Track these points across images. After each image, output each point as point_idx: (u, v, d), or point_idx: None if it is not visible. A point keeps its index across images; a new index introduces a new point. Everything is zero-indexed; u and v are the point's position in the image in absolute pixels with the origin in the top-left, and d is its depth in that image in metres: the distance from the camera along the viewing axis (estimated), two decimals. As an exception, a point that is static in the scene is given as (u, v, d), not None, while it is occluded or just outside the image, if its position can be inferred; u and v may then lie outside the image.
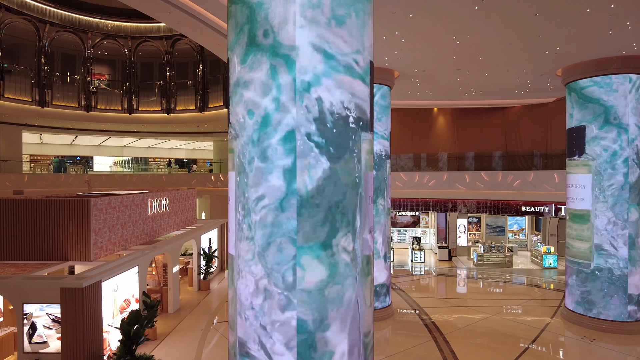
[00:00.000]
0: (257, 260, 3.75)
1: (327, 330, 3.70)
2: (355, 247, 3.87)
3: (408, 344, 10.32)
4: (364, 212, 3.95)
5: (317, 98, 3.60)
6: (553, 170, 16.51)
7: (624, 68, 11.06)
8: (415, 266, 20.12)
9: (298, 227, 3.60)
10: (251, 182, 3.78)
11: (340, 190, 3.72)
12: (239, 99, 3.91)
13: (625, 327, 10.94)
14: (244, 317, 3.89)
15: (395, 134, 20.15)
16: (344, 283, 3.79)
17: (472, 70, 12.80)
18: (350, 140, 3.78)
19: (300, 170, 3.60)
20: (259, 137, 3.72)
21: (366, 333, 4.09)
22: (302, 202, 3.60)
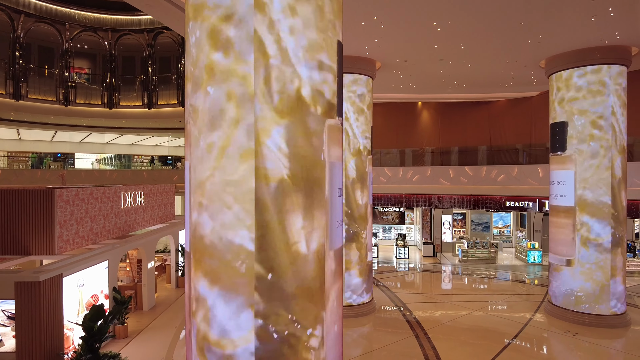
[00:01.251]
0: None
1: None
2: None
3: (388, 340, 10.03)
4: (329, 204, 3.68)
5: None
6: (537, 165, 16.39)
7: (607, 58, 10.91)
8: (400, 262, 19.89)
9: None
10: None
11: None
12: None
13: (608, 321, 10.81)
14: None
15: (379, 128, 19.90)
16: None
17: (455, 61, 12.56)
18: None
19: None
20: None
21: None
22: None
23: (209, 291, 3.39)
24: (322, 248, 3.58)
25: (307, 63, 3.38)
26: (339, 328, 3.96)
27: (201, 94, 3.41)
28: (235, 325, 3.29)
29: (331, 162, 3.71)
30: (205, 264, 3.43)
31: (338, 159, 3.89)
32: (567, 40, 10.61)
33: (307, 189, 3.41)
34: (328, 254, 3.66)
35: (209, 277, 3.39)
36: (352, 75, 11.76)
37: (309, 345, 3.42)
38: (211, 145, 3.35)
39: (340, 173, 4.05)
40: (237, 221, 3.27)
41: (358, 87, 11.83)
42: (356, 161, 11.76)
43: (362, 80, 11.93)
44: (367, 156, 12.03)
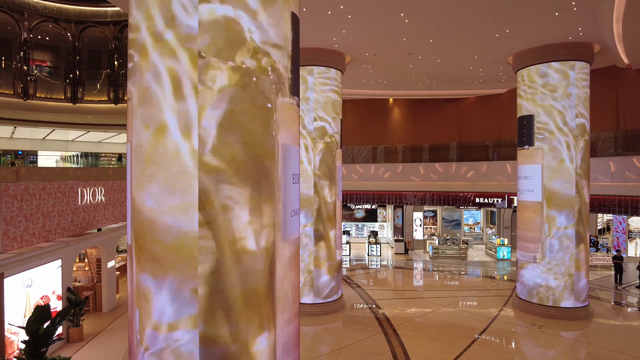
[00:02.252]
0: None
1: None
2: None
3: (357, 337, 9.84)
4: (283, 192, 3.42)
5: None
6: (506, 161, 16.60)
7: (571, 55, 11.06)
8: (372, 260, 19.82)
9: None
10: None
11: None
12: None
13: (572, 314, 10.96)
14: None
15: (351, 125, 19.79)
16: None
17: (424, 56, 12.52)
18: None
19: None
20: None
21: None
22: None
23: (148, 288, 3.06)
24: (273, 243, 3.30)
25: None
26: (295, 326, 3.70)
27: (139, 75, 3.10)
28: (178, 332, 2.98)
29: (284, 145, 3.45)
30: (145, 257, 3.10)
31: (293, 143, 3.64)
32: (533, 36, 10.69)
33: (255, 177, 3.12)
34: (282, 247, 3.40)
35: (149, 272, 3.06)
36: (320, 68, 11.53)
37: (256, 350, 3.14)
38: (146, 126, 3.04)
39: (297, 158, 3.79)
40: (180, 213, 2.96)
41: (327, 80, 11.60)
42: (325, 155, 11.53)
43: (331, 73, 11.71)
44: (337, 150, 11.82)
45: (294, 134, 3.64)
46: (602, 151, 14.30)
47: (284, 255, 3.46)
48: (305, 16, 9.30)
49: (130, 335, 3.34)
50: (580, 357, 9.14)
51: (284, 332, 3.47)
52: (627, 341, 9.83)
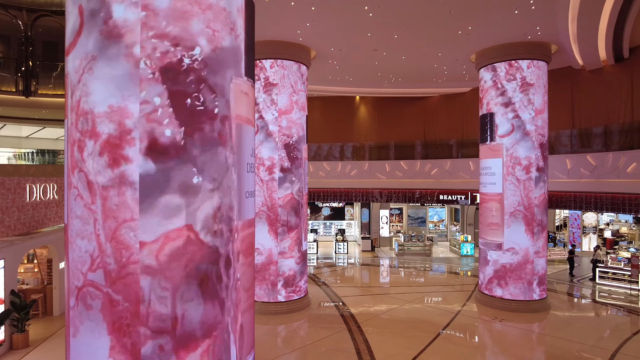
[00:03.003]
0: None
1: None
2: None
3: (320, 335, 9.68)
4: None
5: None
6: (469, 159, 16.91)
7: (531, 54, 11.33)
8: (339, 257, 19.77)
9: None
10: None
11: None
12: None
13: (532, 306, 11.24)
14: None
15: (318, 122, 19.66)
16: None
17: (389, 52, 12.53)
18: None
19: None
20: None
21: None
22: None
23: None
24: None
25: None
26: (249, 324, 3.47)
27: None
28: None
29: (238, 124, 3.19)
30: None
31: (248, 124, 3.39)
32: (495, 34, 10.88)
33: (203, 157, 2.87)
34: (235, 232, 3.16)
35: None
36: (285, 62, 11.31)
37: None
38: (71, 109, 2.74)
39: (252, 139, 3.54)
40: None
41: (292, 73, 11.38)
42: (289, 150, 11.31)
43: (296, 67, 11.50)
44: (302, 144, 11.63)
45: (248, 117, 3.41)
46: (559, 148, 14.79)
47: (237, 241, 3.22)
48: (269, 7, 9.07)
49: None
50: (538, 347, 9.35)
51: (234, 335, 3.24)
52: (582, 331, 10.18)
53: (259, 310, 11.11)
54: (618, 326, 10.84)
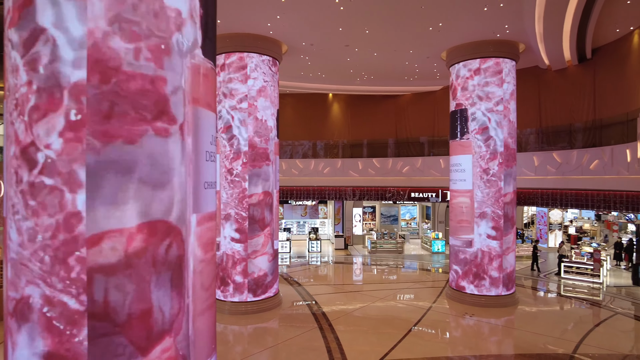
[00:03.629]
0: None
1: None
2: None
3: (291, 334, 9.50)
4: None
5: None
6: (439, 157, 17.08)
7: (500, 52, 11.49)
8: (312, 256, 19.62)
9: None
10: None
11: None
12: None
13: (501, 301, 11.40)
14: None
15: (290, 120, 19.45)
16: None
17: (361, 48, 12.47)
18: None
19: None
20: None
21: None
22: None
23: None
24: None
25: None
26: (209, 325, 3.24)
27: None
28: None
29: (195, 108, 2.96)
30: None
31: (208, 108, 3.15)
32: (465, 32, 10.97)
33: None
34: (191, 224, 2.93)
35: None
36: (257, 55, 11.04)
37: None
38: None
39: (212, 125, 3.32)
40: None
41: (263, 68, 11.14)
42: (260, 146, 11.07)
43: (267, 61, 11.26)
44: (273, 140, 11.40)
45: (209, 103, 3.18)
46: (527, 146, 15.12)
47: (195, 235, 3.00)
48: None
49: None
50: (507, 341, 9.47)
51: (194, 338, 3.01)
52: (548, 323, 10.39)
53: (228, 310, 10.83)
54: (582, 318, 11.14)
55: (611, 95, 12.40)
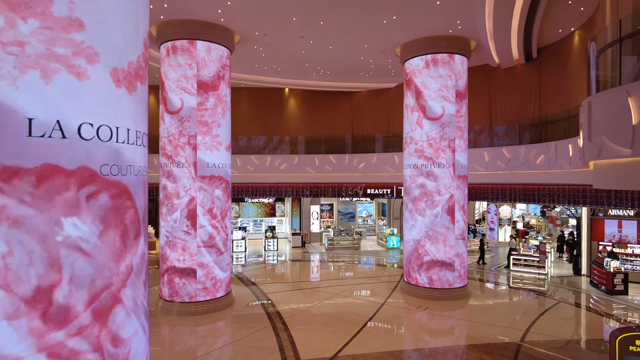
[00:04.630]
0: None
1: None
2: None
3: (241, 334, 9.12)
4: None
5: None
6: (394, 153, 17.20)
7: (452, 48, 11.65)
8: (269, 254, 19.21)
9: None
10: None
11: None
12: None
13: (453, 293, 11.56)
14: None
15: (246, 114, 18.95)
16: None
17: (316, 40, 12.25)
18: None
19: None
20: None
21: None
22: None
23: None
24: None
25: None
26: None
27: None
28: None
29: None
30: None
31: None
32: (418, 26, 11.02)
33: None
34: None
35: None
36: (207, 44, 10.54)
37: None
38: None
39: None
40: None
41: (213, 56, 10.65)
42: (211, 139, 10.58)
43: (218, 51, 10.78)
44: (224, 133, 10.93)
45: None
46: (478, 142, 15.52)
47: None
48: (183, -22, 8.32)
49: None
50: (459, 332, 9.56)
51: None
52: (498, 314, 10.66)
53: (177, 312, 10.27)
54: (529, 308, 11.50)
55: (555, 93, 12.93)
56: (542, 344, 8.58)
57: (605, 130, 5.10)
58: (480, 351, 8.19)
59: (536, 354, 8.02)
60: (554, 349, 8.37)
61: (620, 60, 5.32)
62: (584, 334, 9.85)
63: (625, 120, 4.77)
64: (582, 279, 14.79)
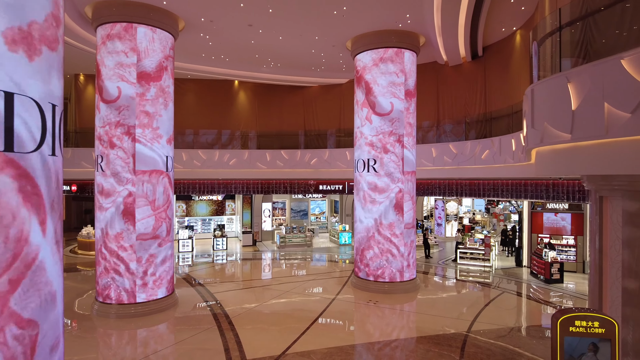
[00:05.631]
0: None
1: None
2: None
3: (186, 335, 8.59)
4: None
5: None
6: (345, 149, 17.15)
7: (402, 43, 11.70)
8: (217, 254, 18.52)
9: None
10: None
11: None
12: None
13: (403, 287, 11.62)
14: None
15: (193, 107, 18.17)
16: None
17: (265, 29, 11.87)
18: None
19: None
20: None
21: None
22: None
23: None
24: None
25: None
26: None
27: None
28: None
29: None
30: None
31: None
32: (368, 20, 10.95)
33: None
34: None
35: None
36: (149, 31, 9.86)
37: None
38: None
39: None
40: None
41: (156, 44, 9.98)
42: (152, 131, 9.91)
43: (161, 37, 10.12)
44: (166, 125, 10.29)
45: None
46: (426, 138, 15.78)
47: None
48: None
49: None
50: (408, 325, 9.57)
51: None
52: (446, 306, 10.83)
53: (115, 314, 9.53)
54: (475, 299, 11.78)
55: (499, 90, 13.38)
56: (487, 333, 8.75)
57: (547, 117, 5.19)
58: (429, 342, 8.21)
59: (482, 344, 8.16)
60: (499, 337, 8.57)
61: (560, 47, 5.46)
62: (524, 322, 10.20)
63: (566, 106, 4.85)
64: (523, 270, 15.45)
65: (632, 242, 5.04)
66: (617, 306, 5.14)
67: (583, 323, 4.40)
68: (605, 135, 4.33)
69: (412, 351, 8.06)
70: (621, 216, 5.12)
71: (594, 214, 5.66)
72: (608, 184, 5.18)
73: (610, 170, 4.42)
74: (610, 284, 5.27)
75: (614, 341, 4.35)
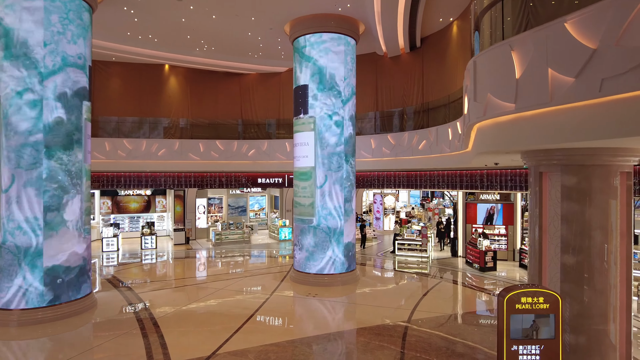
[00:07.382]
0: None
1: None
2: None
3: (103, 340, 7.56)
4: None
5: None
6: (285, 140, 16.59)
7: (341, 28, 11.36)
8: (146, 254, 17.12)
9: None
10: None
11: None
12: None
13: (342, 279, 11.31)
14: None
15: (117, 92, 16.66)
16: None
17: (197, 6, 10.99)
18: None
19: None
20: None
21: None
22: None
23: None
24: None
25: None
26: None
27: None
28: None
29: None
30: None
31: None
32: (307, 1, 10.49)
33: None
34: None
35: None
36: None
37: None
38: None
39: None
40: None
41: (63, 8, 8.75)
42: (67, 113, 8.68)
43: (71, 5, 8.90)
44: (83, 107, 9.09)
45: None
46: (365, 129, 15.65)
47: None
48: None
49: None
50: (348, 317, 9.25)
51: None
52: (386, 296, 10.68)
53: (17, 321, 8.21)
54: (414, 289, 11.77)
55: (436, 81, 13.53)
56: (427, 322, 8.65)
57: (490, 88, 5.03)
58: (370, 334, 7.91)
59: (423, 334, 8.00)
60: (439, 325, 8.49)
61: (503, 17, 5.34)
62: (461, 309, 10.28)
63: (510, 75, 4.69)
64: (459, 260, 15.84)
65: (569, 216, 5.00)
66: (556, 282, 5.09)
67: (529, 299, 4.23)
68: (549, 103, 4.19)
69: (353, 343, 7.71)
70: (560, 192, 5.08)
71: (533, 192, 5.62)
72: (547, 158, 5.11)
73: (553, 140, 4.31)
74: (549, 260, 5.23)
75: (558, 315, 4.22)
